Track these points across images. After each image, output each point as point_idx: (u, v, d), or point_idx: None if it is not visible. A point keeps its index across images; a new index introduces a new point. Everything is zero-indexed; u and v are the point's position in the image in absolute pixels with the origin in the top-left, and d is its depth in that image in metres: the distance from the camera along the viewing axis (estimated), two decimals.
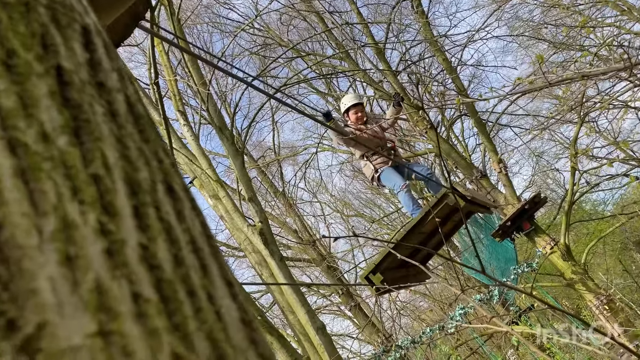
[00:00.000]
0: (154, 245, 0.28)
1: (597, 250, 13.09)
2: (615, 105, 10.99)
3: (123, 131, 0.32)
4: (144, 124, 0.35)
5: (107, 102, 0.32)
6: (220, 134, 9.59)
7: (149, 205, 0.29)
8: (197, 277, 0.29)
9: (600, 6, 12.40)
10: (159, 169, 0.33)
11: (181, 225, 0.31)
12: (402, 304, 16.13)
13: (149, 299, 0.25)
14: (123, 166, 0.30)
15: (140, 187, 0.30)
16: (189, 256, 0.30)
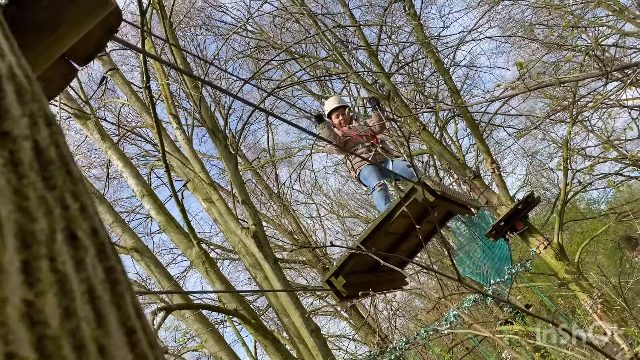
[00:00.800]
0: (41, 300, 0.28)
1: (590, 249, 13.15)
2: (607, 104, 11.04)
3: (24, 181, 0.32)
4: (52, 170, 0.35)
5: (10, 152, 0.33)
6: (214, 136, 9.58)
7: (42, 257, 0.30)
8: (89, 329, 0.29)
9: (592, 6, 12.45)
10: (62, 217, 0.33)
11: (79, 275, 0.31)
12: (398, 305, 16.15)
13: (25, 359, 0.25)
14: (17, 219, 0.30)
15: (35, 239, 0.30)
16: (83, 308, 0.30)
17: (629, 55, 11.53)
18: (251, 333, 7.87)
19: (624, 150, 13.13)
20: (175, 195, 6.95)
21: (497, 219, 10.10)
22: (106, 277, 0.33)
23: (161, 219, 7.98)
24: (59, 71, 1.42)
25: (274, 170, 15.55)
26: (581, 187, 11.38)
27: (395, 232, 4.11)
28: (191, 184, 9.46)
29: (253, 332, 7.71)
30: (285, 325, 8.97)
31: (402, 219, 3.89)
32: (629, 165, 11.83)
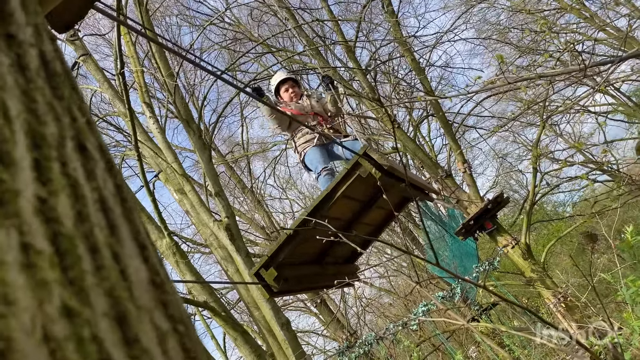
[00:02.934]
0: (54, 199, 0.26)
1: (555, 250, 13.49)
2: (577, 109, 11.34)
3: (32, 85, 0.30)
4: (58, 81, 0.33)
5: (17, 55, 0.31)
6: (188, 127, 9.46)
7: (53, 159, 0.28)
8: (102, 235, 0.28)
9: (564, 12, 12.77)
10: (71, 126, 0.31)
11: (90, 183, 0.30)
12: (367, 301, 16.27)
13: (40, 251, 0.24)
14: (27, 119, 0.28)
15: (45, 141, 0.28)
16: (95, 214, 0.28)
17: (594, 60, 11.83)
18: (221, 325, 7.81)
19: (590, 155, 13.52)
20: (146, 186, 6.83)
21: (466, 218, 10.26)
22: (116, 191, 0.32)
23: None
24: None
25: (248, 165, 15.45)
26: (549, 189, 11.66)
27: (339, 217, 3.50)
28: (163, 175, 9.32)
29: (223, 324, 7.66)
30: (255, 318, 8.93)
31: (347, 201, 3.40)
32: (595, 169, 12.17)
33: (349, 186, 3.14)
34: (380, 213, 4.09)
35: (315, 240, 3.03)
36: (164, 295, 0.30)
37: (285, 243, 3.22)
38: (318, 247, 3.61)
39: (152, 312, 0.27)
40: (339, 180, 3.15)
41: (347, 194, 3.23)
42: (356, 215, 3.72)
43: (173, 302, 0.30)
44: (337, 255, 4.08)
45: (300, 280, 3.50)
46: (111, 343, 0.24)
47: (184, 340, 0.28)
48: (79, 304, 0.24)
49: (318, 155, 4.29)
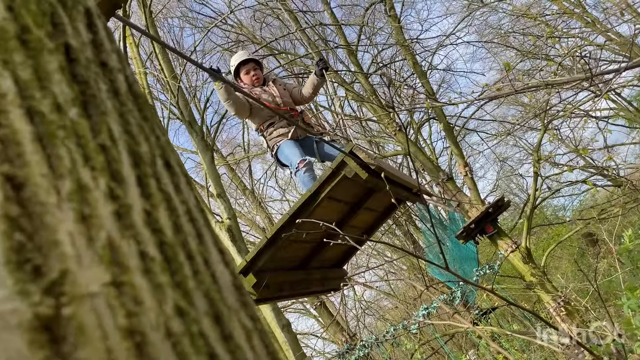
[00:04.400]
0: (156, 211, 0.30)
1: (555, 254, 13.53)
2: (577, 114, 11.39)
3: (125, 108, 0.34)
4: (142, 102, 0.37)
5: (110, 81, 0.35)
6: (190, 128, 9.50)
7: (150, 176, 0.32)
8: (194, 243, 0.31)
9: (566, 17, 12.82)
10: (157, 145, 0.35)
11: (179, 196, 0.33)
12: (367, 304, 16.29)
13: (154, 258, 0.28)
14: (126, 139, 0.32)
15: (142, 159, 0.32)
16: (186, 224, 0.32)
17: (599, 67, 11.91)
18: None
19: (590, 160, 13.56)
20: None
21: (467, 221, 10.29)
22: (196, 202, 0.36)
23: None
24: None
25: (249, 167, 15.49)
26: (550, 193, 11.69)
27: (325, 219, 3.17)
28: None
29: None
30: None
31: (333, 202, 3.19)
32: (596, 174, 12.21)
33: (334, 187, 2.94)
34: (370, 215, 3.89)
35: (299, 245, 2.88)
36: (244, 297, 0.33)
37: (265, 248, 3.03)
38: (302, 251, 3.46)
39: (239, 312, 0.31)
40: (323, 180, 2.94)
41: (333, 195, 3.03)
42: (344, 218, 3.52)
43: (250, 303, 0.34)
44: (324, 260, 3.89)
45: (282, 287, 3.32)
46: (214, 339, 0.27)
47: (263, 337, 0.32)
48: (187, 304, 0.27)
49: (293, 148, 3.90)
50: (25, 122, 0.26)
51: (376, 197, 3.44)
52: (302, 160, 3.71)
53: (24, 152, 0.25)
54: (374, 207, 3.69)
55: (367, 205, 3.51)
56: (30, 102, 0.27)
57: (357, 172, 2.80)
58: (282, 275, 3.33)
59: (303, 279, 3.57)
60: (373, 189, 3.22)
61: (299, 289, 3.45)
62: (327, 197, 2.97)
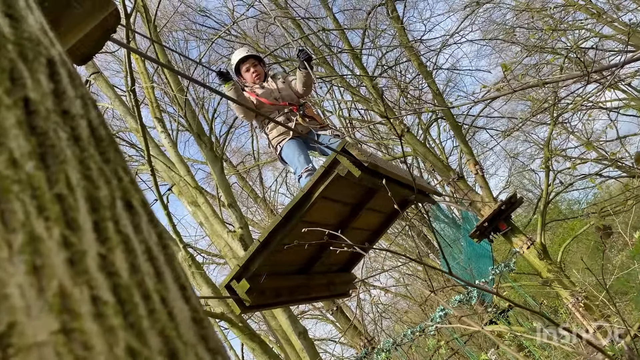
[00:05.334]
0: (112, 255, 0.32)
1: (571, 248, 13.39)
2: (587, 106, 11.28)
3: (85, 154, 0.36)
4: (105, 145, 0.39)
5: (71, 128, 0.36)
6: (199, 140, 9.57)
7: (108, 219, 0.33)
8: (151, 282, 0.33)
9: (571, 10, 12.73)
10: (118, 187, 0.37)
11: (138, 236, 0.35)
12: (384, 307, 16.24)
13: (106, 302, 0.29)
14: (85, 186, 0.34)
15: (101, 204, 0.34)
16: (144, 264, 0.34)
17: (607, 57, 11.80)
18: (238, 336, 7.86)
19: (603, 151, 13.41)
20: (160, 199, 6.93)
21: (480, 220, 10.24)
22: (159, 240, 0.37)
23: None
24: None
25: (260, 175, 15.56)
26: (563, 188, 11.59)
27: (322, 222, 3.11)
28: (176, 188, 9.43)
29: (240, 335, 7.71)
30: (272, 327, 8.98)
31: (330, 203, 3.03)
32: (609, 166, 12.08)
33: (329, 187, 2.78)
34: (376, 216, 3.69)
35: (297, 248, 2.74)
36: (204, 330, 0.35)
37: (258, 252, 2.86)
38: (302, 255, 3.28)
39: (196, 347, 0.32)
40: (316, 180, 2.79)
41: (328, 195, 2.87)
42: (344, 220, 3.34)
43: (211, 335, 0.35)
44: (329, 263, 3.73)
45: (280, 293, 3.14)
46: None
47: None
48: (140, 344, 0.29)
49: (297, 150, 3.80)
50: None
51: (380, 198, 3.27)
52: (306, 169, 3.67)
53: None
54: (379, 208, 3.50)
55: (370, 206, 3.35)
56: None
57: (350, 170, 2.65)
58: (279, 280, 3.18)
59: (304, 284, 3.41)
60: (373, 188, 3.05)
61: (299, 294, 3.29)
62: (322, 198, 2.82)
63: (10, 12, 0.38)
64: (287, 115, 3.93)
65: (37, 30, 0.41)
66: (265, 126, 4.01)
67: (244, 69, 4.18)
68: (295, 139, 3.85)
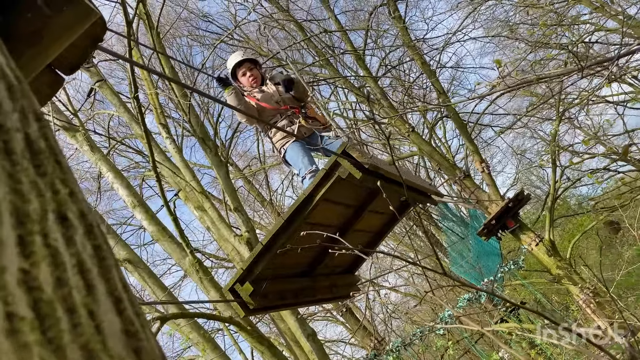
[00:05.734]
0: (35, 269, 0.31)
1: (581, 244, 13.28)
2: (594, 100, 11.20)
3: (17, 167, 0.36)
4: (42, 158, 0.39)
5: (3, 142, 0.36)
6: (204, 144, 9.60)
7: (35, 233, 0.33)
8: (79, 295, 0.33)
9: (573, 3, 12.64)
10: (52, 199, 0.36)
11: (69, 249, 0.35)
12: (393, 307, 16.18)
13: (23, 317, 0.29)
14: (12, 199, 0.33)
15: (29, 218, 0.34)
16: (73, 278, 0.33)
17: (612, 51, 11.70)
18: (247, 340, 7.87)
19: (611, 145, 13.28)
20: (167, 205, 6.95)
21: (488, 218, 10.19)
22: (94, 253, 0.37)
23: (153, 229, 7.97)
24: (45, 81, 1.45)
25: (266, 178, 15.57)
26: (570, 183, 11.50)
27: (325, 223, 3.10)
28: (183, 193, 9.47)
29: (249, 339, 7.71)
30: (281, 330, 8.98)
31: (332, 205, 3.03)
32: (617, 160, 11.97)
33: (331, 189, 2.78)
34: (378, 218, 3.66)
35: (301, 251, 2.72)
36: (138, 342, 0.34)
37: (261, 255, 2.86)
38: (306, 257, 3.29)
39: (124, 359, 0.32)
40: (317, 182, 2.79)
41: (329, 197, 2.86)
42: (347, 222, 3.34)
43: (146, 348, 0.35)
44: (333, 265, 3.71)
45: (284, 296, 3.13)
46: None
47: None
48: (56, 359, 0.28)
49: (300, 152, 3.79)
50: None
51: (382, 199, 3.15)
52: (309, 170, 3.66)
53: None
54: (381, 209, 3.47)
55: (373, 207, 3.33)
56: None
57: (350, 172, 2.65)
58: (284, 282, 3.18)
59: (308, 287, 3.38)
60: (374, 190, 3.03)
61: (303, 297, 3.26)
62: (324, 200, 2.83)
63: None
64: (289, 118, 3.91)
65: None
66: (269, 130, 3.98)
67: (240, 73, 4.16)
68: (298, 140, 3.83)
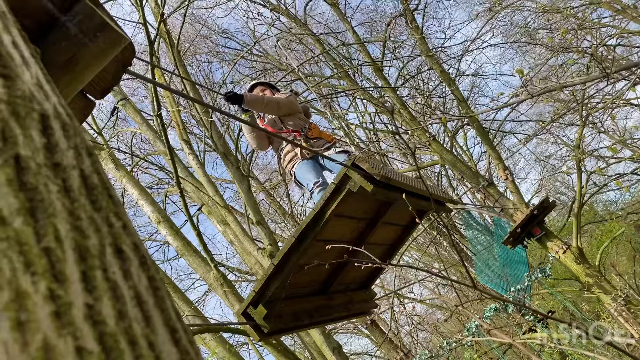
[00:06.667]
0: (99, 303, 0.33)
1: (609, 251, 12.99)
2: (618, 104, 11.01)
3: (76, 204, 0.37)
4: (97, 193, 0.40)
5: (62, 180, 0.38)
6: (225, 159, 9.70)
7: (96, 268, 0.35)
8: (139, 327, 0.34)
9: (594, 7, 12.49)
10: (109, 234, 0.38)
11: (127, 282, 0.36)
12: (419, 318, 16.01)
13: (91, 351, 0.30)
14: (73, 236, 0.35)
15: (89, 253, 0.35)
16: (132, 310, 0.35)
17: (635, 53, 11.51)
18: (272, 354, 7.86)
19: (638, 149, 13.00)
20: (190, 220, 7.03)
21: (513, 226, 10.04)
22: (149, 284, 0.38)
23: (178, 244, 8.06)
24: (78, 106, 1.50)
25: (287, 190, 15.63)
26: (597, 189, 11.29)
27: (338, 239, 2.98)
28: (206, 208, 9.56)
29: (274, 352, 7.71)
30: (306, 343, 8.95)
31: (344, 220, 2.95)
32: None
33: (342, 203, 2.70)
34: (392, 230, 3.57)
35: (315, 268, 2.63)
36: None
37: (273, 275, 2.75)
38: (320, 274, 3.18)
39: None
40: (327, 197, 2.70)
41: (341, 212, 2.79)
42: (360, 235, 3.23)
43: None
44: (348, 282, 3.61)
45: (299, 316, 3.00)
46: None
47: None
48: None
49: (308, 168, 3.82)
50: None
51: (395, 210, 3.17)
52: (316, 182, 3.65)
53: None
54: (394, 220, 3.39)
55: (386, 219, 3.23)
56: None
57: (361, 185, 2.56)
58: (299, 302, 3.06)
59: (323, 305, 3.25)
60: (387, 201, 2.94)
61: (319, 316, 3.14)
62: (335, 215, 2.74)
63: (5, 72, 0.41)
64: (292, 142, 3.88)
65: (32, 86, 0.43)
66: (282, 158, 4.02)
67: (259, 89, 4.29)
68: (305, 161, 3.88)
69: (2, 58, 0.41)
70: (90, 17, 1.22)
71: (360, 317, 3.90)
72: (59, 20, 1.14)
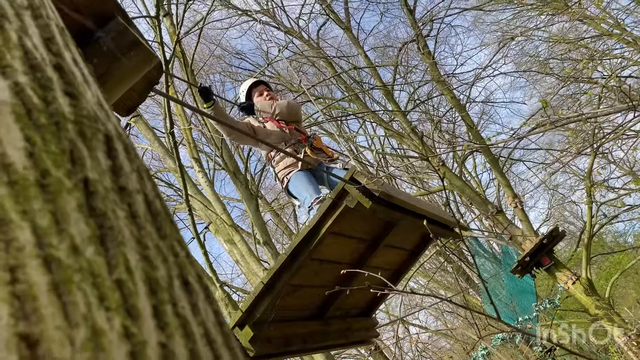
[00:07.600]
0: (172, 342, 0.31)
1: (619, 283, 12.80)
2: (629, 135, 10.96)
3: (143, 232, 0.35)
4: (161, 220, 0.38)
5: (128, 205, 0.36)
6: (235, 178, 9.71)
7: (166, 302, 0.32)
8: None
9: (605, 39, 12.55)
10: (175, 264, 0.36)
11: (196, 318, 0.34)
12: (423, 346, 15.76)
13: None
14: (143, 267, 0.33)
15: (159, 285, 0.33)
16: (203, 349, 0.32)
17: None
18: None
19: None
20: (197, 238, 6.98)
21: (522, 255, 9.93)
22: (216, 319, 0.36)
23: None
24: None
25: (294, 211, 15.58)
26: (607, 220, 11.17)
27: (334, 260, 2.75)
28: (213, 226, 9.53)
29: None
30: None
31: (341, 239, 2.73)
32: None
33: (339, 220, 2.48)
34: (397, 254, 3.32)
35: (308, 290, 2.48)
36: None
37: (262, 295, 2.54)
38: (313, 298, 2.96)
39: None
40: (323, 212, 2.49)
41: (338, 230, 2.58)
42: (360, 258, 3.01)
43: None
44: (348, 307, 3.38)
45: (290, 341, 2.78)
46: None
47: None
48: None
49: (305, 181, 3.50)
50: (41, 272, 0.27)
51: (399, 233, 2.96)
52: (316, 199, 3.30)
53: (40, 306, 0.26)
54: (399, 244, 3.18)
55: (389, 242, 3.00)
56: (48, 251, 0.28)
57: (360, 200, 2.36)
58: (290, 326, 2.84)
59: (318, 331, 3.02)
60: (390, 222, 2.77)
61: (312, 342, 2.92)
62: (331, 233, 2.54)
63: (70, 90, 0.39)
64: (294, 147, 3.68)
65: (94, 105, 0.41)
66: (272, 159, 3.77)
67: (257, 94, 4.09)
68: (303, 171, 3.58)
69: (66, 75, 0.40)
70: (123, 34, 1.22)
71: (359, 345, 3.76)
72: (93, 35, 1.14)
